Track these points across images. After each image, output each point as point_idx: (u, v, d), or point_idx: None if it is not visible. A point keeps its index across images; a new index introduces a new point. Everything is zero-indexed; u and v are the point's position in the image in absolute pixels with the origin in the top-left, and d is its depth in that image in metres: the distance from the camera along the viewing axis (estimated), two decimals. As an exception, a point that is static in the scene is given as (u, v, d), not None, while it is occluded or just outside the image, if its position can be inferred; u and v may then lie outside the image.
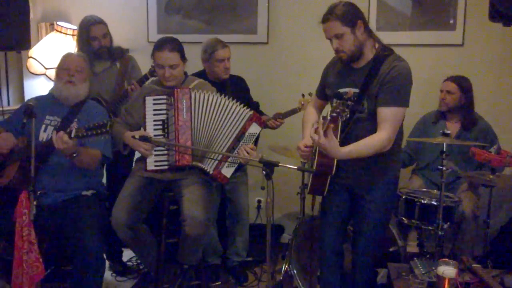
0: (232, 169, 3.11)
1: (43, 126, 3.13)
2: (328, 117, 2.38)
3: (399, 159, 2.86)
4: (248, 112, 3.10)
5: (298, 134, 3.00)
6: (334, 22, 2.56)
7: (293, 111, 3.74)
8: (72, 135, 2.77)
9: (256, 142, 3.25)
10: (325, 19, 2.59)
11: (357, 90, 2.62)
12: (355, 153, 2.51)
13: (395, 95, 2.54)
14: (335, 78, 2.76)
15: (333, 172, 2.62)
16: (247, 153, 3.03)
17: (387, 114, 2.54)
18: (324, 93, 2.88)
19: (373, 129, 2.58)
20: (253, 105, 3.85)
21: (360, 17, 2.60)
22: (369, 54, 2.65)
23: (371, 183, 2.72)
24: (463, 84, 3.72)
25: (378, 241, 2.84)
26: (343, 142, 2.56)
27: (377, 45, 2.67)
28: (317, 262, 3.16)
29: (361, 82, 2.61)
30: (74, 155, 2.90)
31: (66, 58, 3.29)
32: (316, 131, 2.37)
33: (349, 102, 2.34)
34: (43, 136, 3.12)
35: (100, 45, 3.75)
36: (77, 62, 3.25)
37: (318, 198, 3.06)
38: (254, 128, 3.12)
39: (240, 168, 3.81)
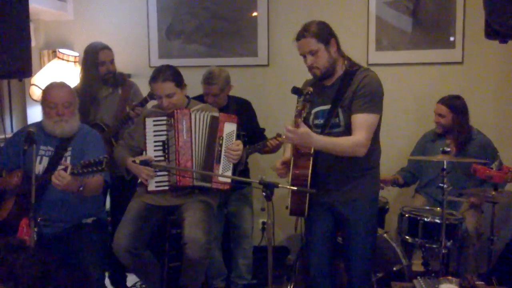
0: (229, 172, 3.11)
1: (38, 158, 3.00)
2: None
3: (378, 175, 2.87)
4: (211, 114, 3.14)
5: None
6: (309, 39, 2.67)
7: None
8: (68, 172, 2.69)
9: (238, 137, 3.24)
10: (300, 36, 2.70)
11: (328, 107, 2.68)
12: (327, 143, 2.56)
13: (368, 102, 2.60)
14: None
15: (309, 177, 2.63)
16: (234, 151, 3.09)
17: (360, 120, 2.60)
18: None
19: None
20: (259, 131, 3.84)
21: (333, 36, 2.70)
22: (339, 71, 2.74)
23: (351, 200, 2.74)
24: (453, 105, 3.70)
25: (369, 256, 2.84)
26: (321, 156, 2.66)
27: (346, 62, 2.75)
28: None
29: (332, 97, 2.68)
30: (81, 189, 2.84)
31: (51, 93, 3.02)
32: (287, 130, 2.44)
33: (307, 97, 2.43)
34: (39, 167, 2.99)
35: (108, 70, 3.78)
36: (64, 97, 3.02)
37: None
38: (230, 127, 3.14)
39: (243, 192, 3.82)
